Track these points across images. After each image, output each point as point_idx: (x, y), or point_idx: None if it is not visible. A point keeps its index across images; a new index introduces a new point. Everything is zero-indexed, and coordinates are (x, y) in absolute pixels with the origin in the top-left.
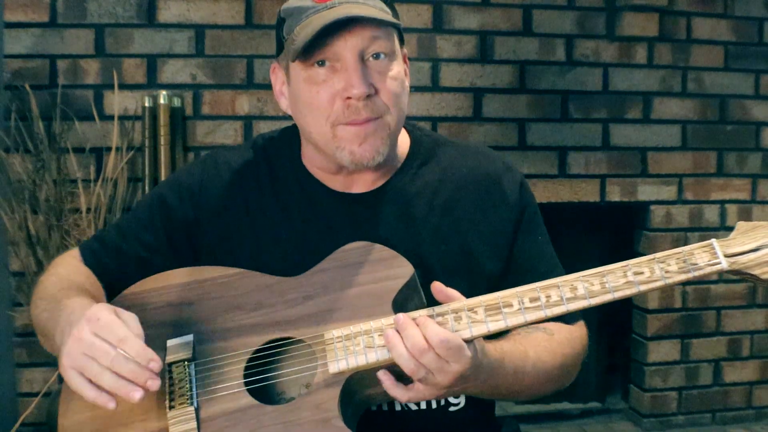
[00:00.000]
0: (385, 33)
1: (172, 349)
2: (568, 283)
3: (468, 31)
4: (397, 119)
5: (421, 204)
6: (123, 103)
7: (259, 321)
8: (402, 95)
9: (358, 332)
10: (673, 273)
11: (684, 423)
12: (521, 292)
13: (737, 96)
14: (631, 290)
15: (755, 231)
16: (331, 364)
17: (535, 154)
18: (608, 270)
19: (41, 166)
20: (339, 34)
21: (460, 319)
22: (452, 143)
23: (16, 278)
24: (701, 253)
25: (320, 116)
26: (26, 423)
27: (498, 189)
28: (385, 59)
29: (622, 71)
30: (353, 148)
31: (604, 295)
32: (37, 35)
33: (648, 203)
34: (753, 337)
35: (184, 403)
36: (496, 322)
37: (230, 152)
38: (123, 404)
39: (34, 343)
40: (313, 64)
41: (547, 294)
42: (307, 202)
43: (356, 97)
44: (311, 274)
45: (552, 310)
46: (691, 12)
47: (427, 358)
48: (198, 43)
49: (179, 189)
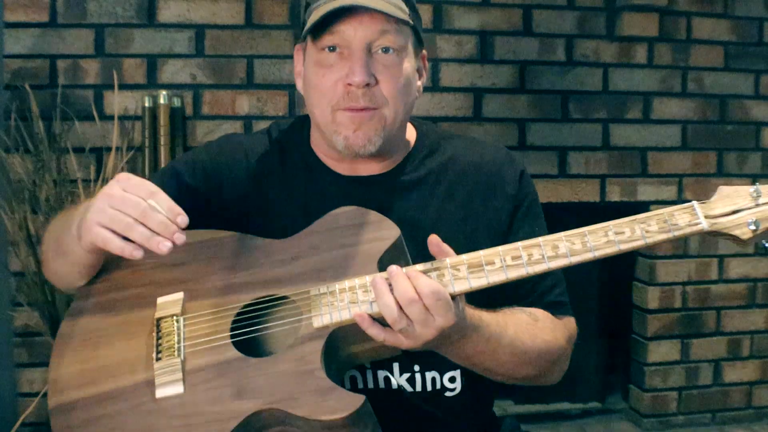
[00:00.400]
0: (396, 29)
1: (162, 305)
2: (550, 242)
3: (468, 31)
4: (395, 114)
5: (423, 190)
6: (123, 103)
7: (247, 280)
8: (404, 92)
9: (342, 288)
10: (653, 233)
11: (684, 423)
12: (504, 251)
13: (737, 96)
14: (611, 249)
15: (735, 195)
16: (315, 318)
17: (535, 154)
18: (590, 230)
19: (41, 166)
20: (348, 21)
21: (443, 276)
22: (458, 137)
23: (16, 278)
24: (682, 214)
25: (323, 99)
26: (26, 423)
27: (498, 178)
28: (393, 54)
29: (622, 71)
30: (348, 133)
31: (585, 253)
32: (37, 35)
33: (648, 203)
34: (753, 337)
35: (171, 356)
36: (478, 279)
37: (245, 137)
38: (111, 357)
39: (34, 343)
40: (325, 49)
41: (529, 252)
42: (313, 185)
43: (355, 84)
44: (300, 236)
45: (533, 267)
46: (691, 12)
47: (414, 308)
48: (198, 43)
49: (193, 164)
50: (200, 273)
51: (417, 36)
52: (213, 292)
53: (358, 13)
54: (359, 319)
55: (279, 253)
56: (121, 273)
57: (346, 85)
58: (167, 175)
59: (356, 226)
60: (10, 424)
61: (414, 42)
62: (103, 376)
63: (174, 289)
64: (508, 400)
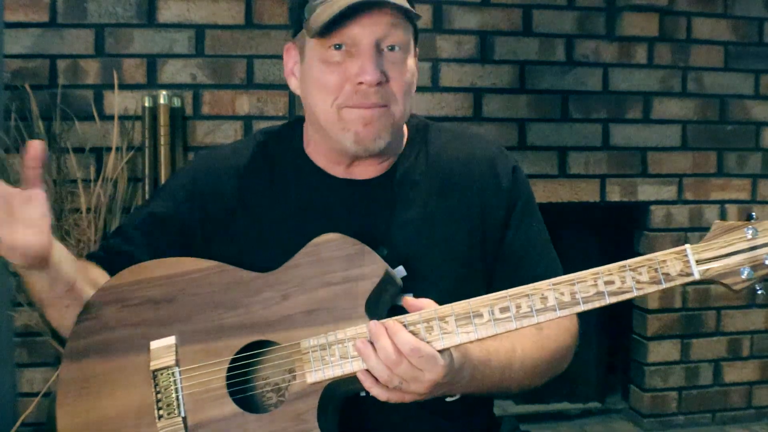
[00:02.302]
0: (403, 25)
1: (156, 353)
2: (539, 292)
3: (468, 31)
4: (402, 111)
5: (418, 189)
6: (123, 103)
7: (237, 321)
8: (410, 89)
9: (333, 341)
10: (644, 284)
11: (684, 423)
12: (492, 301)
13: (737, 96)
14: (600, 301)
15: (730, 234)
16: (308, 374)
17: (535, 154)
18: (579, 278)
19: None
20: (359, 18)
21: (432, 329)
22: (446, 128)
23: (16, 278)
24: (674, 262)
25: (328, 97)
26: (26, 423)
27: (491, 173)
28: (400, 51)
29: (622, 71)
30: (358, 128)
31: (574, 306)
32: (37, 35)
33: (648, 203)
34: (753, 337)
35: (172, 413)
36: (467, 333)
37: (226, 148)
38: (114, 409)
39: (34, 343)
40: (330, 47)
41: (517, 304)
42: (306, 189)
43: (368, 83)
44: (285, 269)
45: (521, 321)
46: (691, 12)
47: (401, 368)
48: (198, 43)
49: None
50: (189, 311)
51: (416, 35)
52: (204, 335)
53: (368, 10)
54: (362, 378)
55: (266, 290)
56: (110, 311)
57: (357, 84)
58: (147, 217)
59: (341, 259)
60: (10, 424)
61: (414, 40)
62: (109, 430)
63: (165, 330)
64: (508, 400)
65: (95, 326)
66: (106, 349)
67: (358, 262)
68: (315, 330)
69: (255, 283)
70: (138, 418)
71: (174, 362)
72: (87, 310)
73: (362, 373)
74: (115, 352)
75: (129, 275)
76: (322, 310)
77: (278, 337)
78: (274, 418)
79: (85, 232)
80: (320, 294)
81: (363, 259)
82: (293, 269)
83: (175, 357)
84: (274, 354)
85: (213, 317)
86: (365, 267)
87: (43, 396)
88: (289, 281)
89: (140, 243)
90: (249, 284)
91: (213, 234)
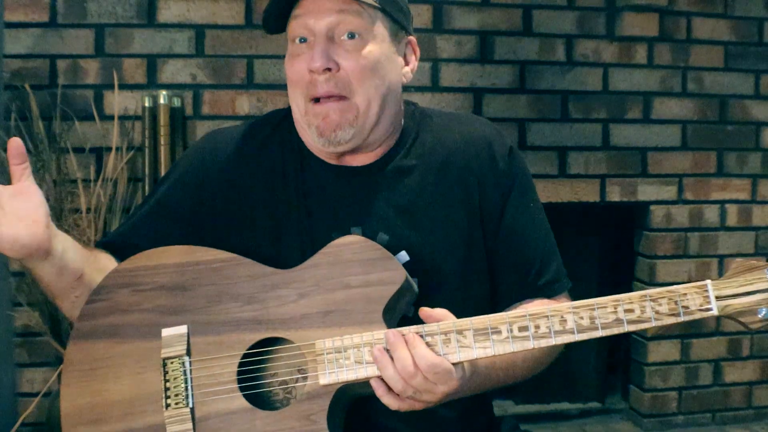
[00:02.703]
0: (357, 10)
1: (167, 340)
2: (558, 314)
3: (468, 31)
4: (367, 101)
5: (416, 174)
6: (123, 103)
7: (251, 316)
8: (373, 77)
9: (348, 345)
10: (663, 315)
11: (684, 423)
12: (511, 319)
13: (737, 96)
14: (619, 328)
15: (751, 273)
16: (321, 376)
17: (535, 154)
18: (600, 303)
19: (41, 166)
20: (304, 5)
21: (449, 342)
22: (441, 112)
23: (16, 278)
24: (694, 296)
25: (296, 89)
26: (26, 423)
27: (488, 154)
28: (358, 39)
29: (622, 71)
30: (318, 123)
31: (592, 331)
32: (37, 35)
33: (648, 203)
34: (753, 337)
35: (180, 403)
36: (483, 349)
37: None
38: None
39: (34, 343)
40: (295, 40)
41: (536, 324)
42: (307, 176)
43: (315, 69)
44: (304, 268)
45: (539, 341)
46: (691, 12)
47: (416, 380)
48: (198, 43)
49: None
50: (203, 302)
51: (394, 20)
52: (217, 327)
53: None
54: (375, 386)
55: (282, 287)
56: (122, 294)
57: (309, 73)
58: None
59: (362, 262)
60: (10, 424)
61: (390, 26)
62: (114, 414)
63: (177, 318)
64: (508, 400)
65: (105, 308)
66: (116, 332)
67: (378, 267)
68: (330, 331)
69: (272, 278)
70: (144, 405)
71: (185, 351)
72: (98, 291)
73: (376, 380)
74: (125, 336)
75: (143, 259)
76: (339, 311)
77: (293, 336)
78: (283, 417)
79: (85, 232)
80: (338, 296)
81: (384, 265)
82: (312, 269)
83: (186, 346)
84: (288, 352)
85: (227, 310)
86: (386, 272)
87: (43, 396)
88: (307, 280)
89: (149, 230)
90: (265, 279)
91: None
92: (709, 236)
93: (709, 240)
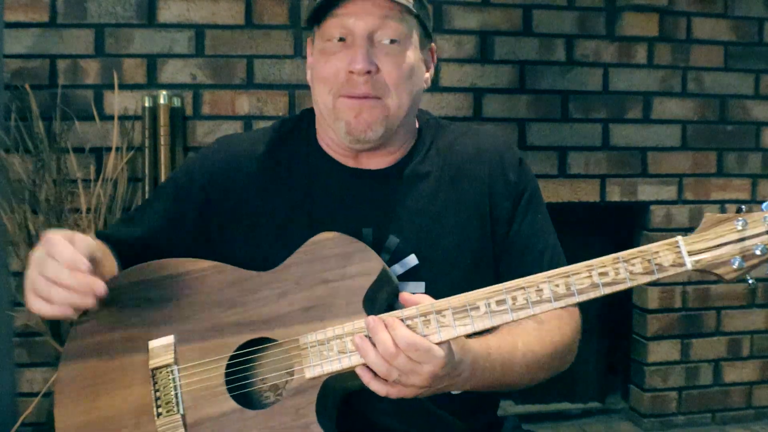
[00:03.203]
0: (399, 17)
1: (155, 351)
2: (534, 285)
3: (468, 31)
4: (398, 104)
5: (429, 181)
6: (123, 103)
7: (235, 320)
8: (408, 82)
9: (331, 337)
10: (637, 274)
11: (684, 423)
12: (488, 294)
13: (737, 96)
14: (595, 292)
15: (721, 226)
16: (306, 369)
17: (535, 154)
18: (573, 270)
19: (41, 166)
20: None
21: (429, 323)
22: (456, 125)
23: (16, 278)
24: (666, 253)
25: (325, 86)
26: (26, 423)
27: (499, 165)
28: (396, 45)
29: (622, 71)
30: (349, 118)
31: (569, 297)
32: (37, 35)
33: (648, 203)
34: (753, 337)
35: (171, 411)
36: (464, 326)
37: (244, 136)
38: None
39: (34, 343)
40: (329, 38)
41: (513, 296)
42: (319, 178)
43: (357, 71)
44: (283, 268)
45: (518, 313)
46: (691, 12)
47: (398, 361)
48: (198, 43)
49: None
50: (187, 311)
51: (424, 28)
52: (202, 334)
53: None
54: (361, 373)
55: (263, 289)
56: (108, 311)
57: (348, 73)
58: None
59: (339, 256)
60: (10, 424)
61: (421, 33)
62: (109, 430)
63: (163, 330)
64: (508, 400)
65: (93, 328)
66: (105, 349)
67: (355, 259)
68: (313, 326)
69: (252, 281)
70: (137, 416)
71: (173, 360)
72: (84, 312)
73: (361, 368)
74: (114, 353)
75: (127, 277)
76: (320, 306)
77: (276, 334)
78: (273, 414)
79: (85, 232)
80: (318, 291)
81: (360, 256)
82: (291, 267)
83: (173, 355)
84: (273, 351)
85: (211, 316)
86: (362, 264)
87: (43, 396)
88: (287, 279)
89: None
90: (246, 283)
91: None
92: None
93: None
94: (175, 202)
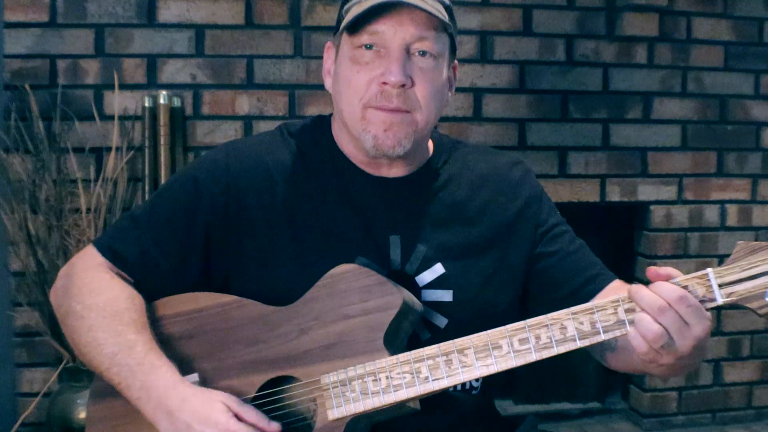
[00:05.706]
0: (435, 35)
1: None
2: (558, 322)
3: (468, 31)
4: (426, 119)
5: (448, 192)
6: (123, 103)
7: (257, 357)
8: (437, 98)
9: (353, 377)
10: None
11: (684, 423)
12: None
13: (737, 96)
14: (621, 330)
15: (754, 255)
16: (329, 411)
17: (535, 154)
18: (599, 306)
19: (41, 166)
20: (388, 19)
21: (451, 363)
22: (470, 144)
23: (16, 278)
24: (696, 287)
25: (354, 96)
26: (26, 423)
27: (506, 181)
28: (430, 59)
29: (622, 71)
30: (377, 132)
31: (594, 336)
32: (37, 35)
33: (648, 203)
34: (753, 337)
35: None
36: (486, 366)
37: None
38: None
39: (34, 343)
40: (361, 46)
41: (537, 334)
42: (344, 184)
43: (392, 84)
44: (303, 302)
45: (541, 353)
46: (691, 12)
47: (667, 317)
48: (198, 43)
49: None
50: (209, 348)
51: (452, 46)
52: (226, 372)
53: (398, 13)
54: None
55: (284, 325)
56: None
57: (381, 84)
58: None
59: (358, 290)
60: (10, 424)
61: (450, 52)
62: None
63: (187, 368)
64: (507, 399)
65: None
66: None
67: (375, 294)
68: (334, 364)
69: (273, 317)
70: None
71: None
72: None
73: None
74: None
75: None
76: (341, 344)
77: (298, 373)
78: None
79: (85, 232)
80: (338, 328)
81: (380, 290)
82: (311, 302)
83: None
84: (296, 391)
85: (233, 354)
86: (383, 298)
87: (43, 396)
88: (307, 315)
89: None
90: (267, 319)
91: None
92: (709, 236)
93: (709, 240)
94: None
